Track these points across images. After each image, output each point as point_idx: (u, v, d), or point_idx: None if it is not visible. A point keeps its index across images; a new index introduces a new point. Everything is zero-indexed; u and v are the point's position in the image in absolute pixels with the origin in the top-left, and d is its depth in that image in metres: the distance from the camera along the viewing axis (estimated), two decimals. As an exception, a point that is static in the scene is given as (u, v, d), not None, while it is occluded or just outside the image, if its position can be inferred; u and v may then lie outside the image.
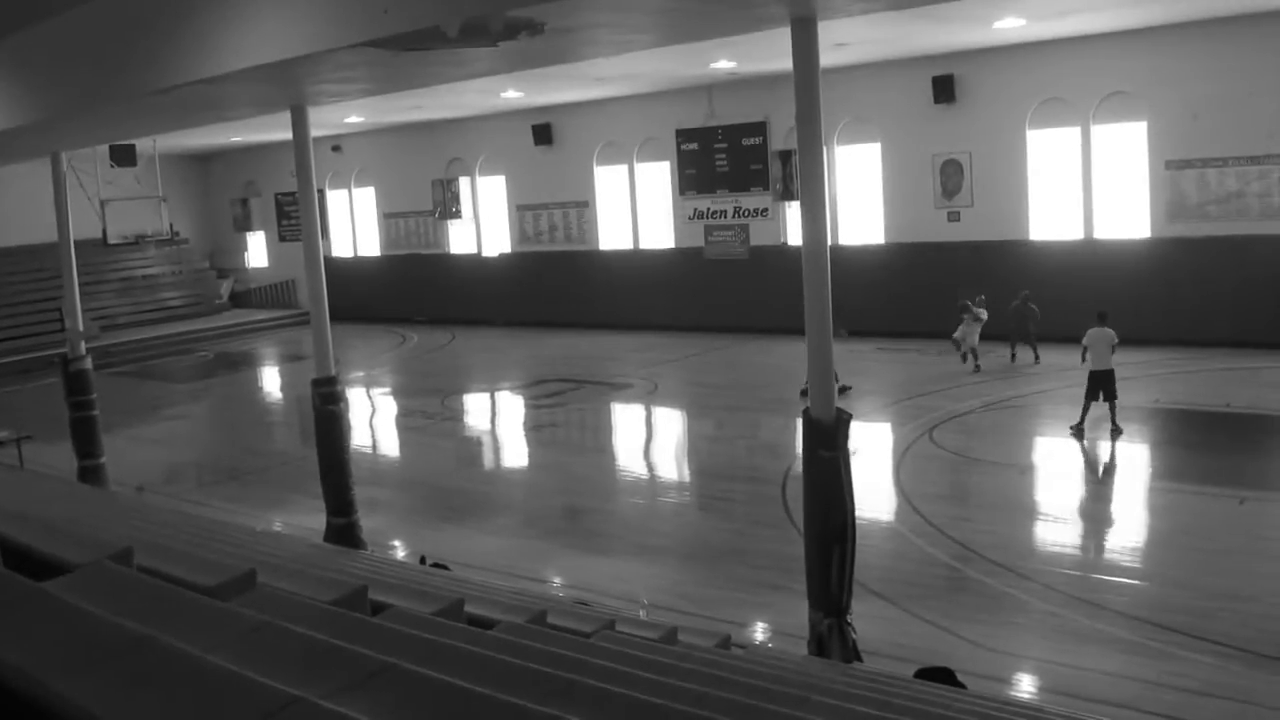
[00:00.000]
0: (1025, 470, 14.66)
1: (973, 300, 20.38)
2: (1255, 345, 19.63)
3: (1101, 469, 14.58)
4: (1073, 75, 21.82)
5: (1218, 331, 20.16)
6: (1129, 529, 12.34)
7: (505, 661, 3.31)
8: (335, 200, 35.64)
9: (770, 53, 18.44)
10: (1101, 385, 14.77)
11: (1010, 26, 19.62)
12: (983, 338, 20.13)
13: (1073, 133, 22.42)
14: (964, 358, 20.44)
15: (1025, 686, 8.47)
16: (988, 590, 10.21)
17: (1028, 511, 12.91)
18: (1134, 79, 21.26)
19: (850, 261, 23.53)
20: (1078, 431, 14.98)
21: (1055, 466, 15.00)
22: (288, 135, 12.54)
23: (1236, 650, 8.52)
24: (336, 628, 3.52)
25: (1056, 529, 12.34)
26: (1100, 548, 11.75)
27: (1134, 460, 14.64)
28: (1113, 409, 14.82)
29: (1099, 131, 22.19)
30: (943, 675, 7.66)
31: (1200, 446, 14.95)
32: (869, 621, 8.89)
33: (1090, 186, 22.43)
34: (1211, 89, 20.27)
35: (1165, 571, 10.69)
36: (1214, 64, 20.16)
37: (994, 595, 10.09)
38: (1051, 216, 22.95)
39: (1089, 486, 14.10)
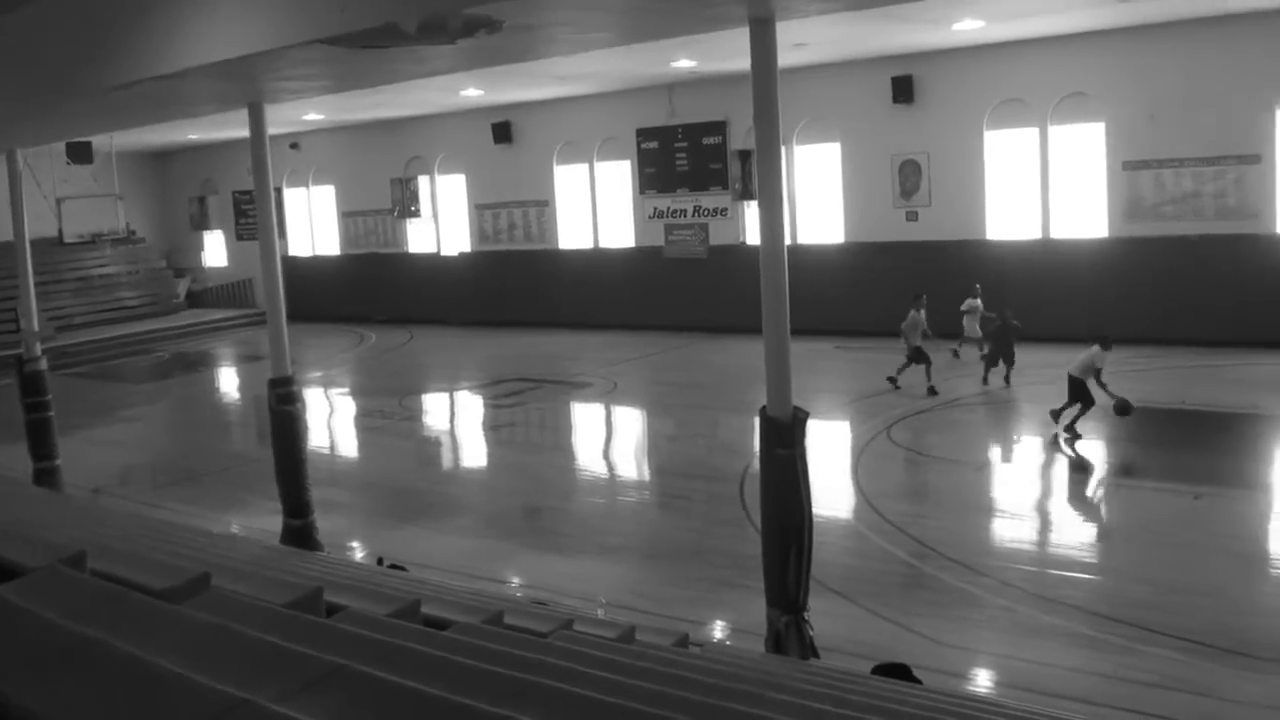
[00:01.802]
0: (982, 467, 14.77)
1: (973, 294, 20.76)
2: (1210, 343, 19.88)
3: (1058, 466, 14.70)
4: (1031, 77, 22.01)
5: (1173, 330, 20.39)
6: (1085, 525, 12.46)
7: (459, 662, 3.31)
8: (293, 199, 35.39)
9: (730, 52, 18.45)
10: (1071, 387, 14.85)
11: (969, 28, 19.76)
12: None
13: (1031, 133, 22.60)
14: (955, 353, 20.61)
15: (982, 681, 8.53)
16: (945, 586, 10.27)
17: (984, 508, 13.01)
18: (1092, 81, 21.48)
19: (809, 260, 23.65)
20: (1067, 430, 15.04)
21: (1012, 463, 15.15)
22: (246, 133, 12.46)
23: (1194, 643, 8.61)
24: (289, 630, 3.51)
25: (1013, 525, 12.43)
26: (1057, 543, 11.83)
27: (1091, 456, 14.76)
28: (1079, 414, 14.89)
29: (1057, 132, 22.38)
30: (899, 671, 7.70)
31: (1156, 443, 15.10)
32: (826, 618, 8.92)
33: (1048, 186, 22.63)
34: (1169, 91, 20.53)
35: (1122, 566, 10.80)
36: (1171, 66, 20.42)
37: (951, 591, 10.15)
38: (1009, 216, 23.13)
39: (1045, 483, 14.23)
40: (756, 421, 8.50)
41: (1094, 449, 14.92)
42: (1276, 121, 20.10)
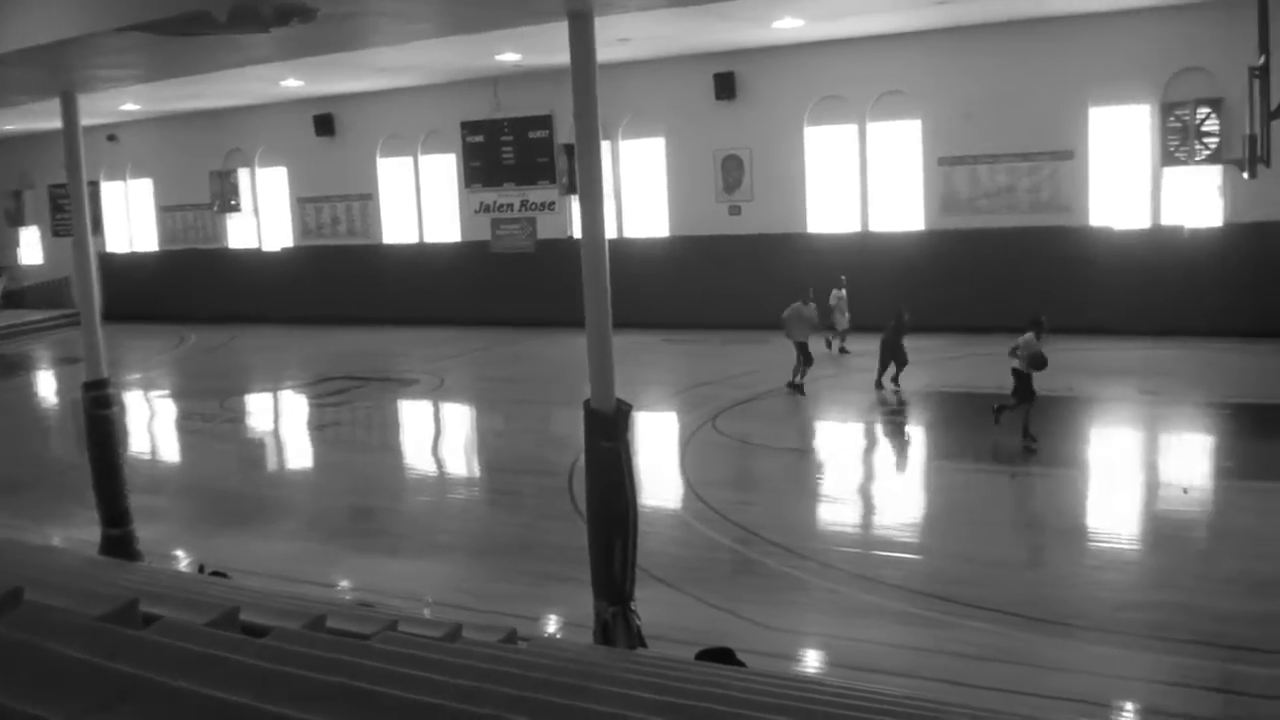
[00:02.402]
0: (805, 454, 15.12)
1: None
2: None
3: (880, 450, 15.15)
4: (850, 74, 22.63)
5: (990, 318, 21.06)
6: (906, 507, 12.84)
7: (272, 669, 3.27)
8: (111, 193, 34.09)
9: (554, 46, 18.27)
10: (1017, 382, 14.57)
11: (789, 26, 20.20)
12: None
13: (850, 129, 23.22)
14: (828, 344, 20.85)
15: (808, 661, 8.74)
16: (768, 571, 10.49)
17: (808, 494, 13.34)
18: (908, 79, 22.19)
19: (635, 254, 23.88)
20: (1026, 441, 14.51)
21: (835, 450, 15.55)
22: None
23: (1011, 615, 8.99)
24: (100, 644, 3.43)
25: (835, 509, 12.78)
26: (879, 525, 12.22)
27: (912, 441, 15.24)
28: (1026, 414, 14.45)
29: (875, 129, 23.05)
30: (723, 655, 7.84)
31: (974, 426, 15.56)
32: (653, 607, 9.00)
33: (866, 181, 23.29)
34: (985, 89, 21.41)
35: (941, 545, 11.20)
36: (987, 66, 21.30)
37: (774, 575, 10.37)
38: (829, 210, 23.72)
39: (867, 467, 14.66)
40: (583, 415, 8.54)
41: (915, 434, 15.41)
42: (1089, 119, 21.11)
